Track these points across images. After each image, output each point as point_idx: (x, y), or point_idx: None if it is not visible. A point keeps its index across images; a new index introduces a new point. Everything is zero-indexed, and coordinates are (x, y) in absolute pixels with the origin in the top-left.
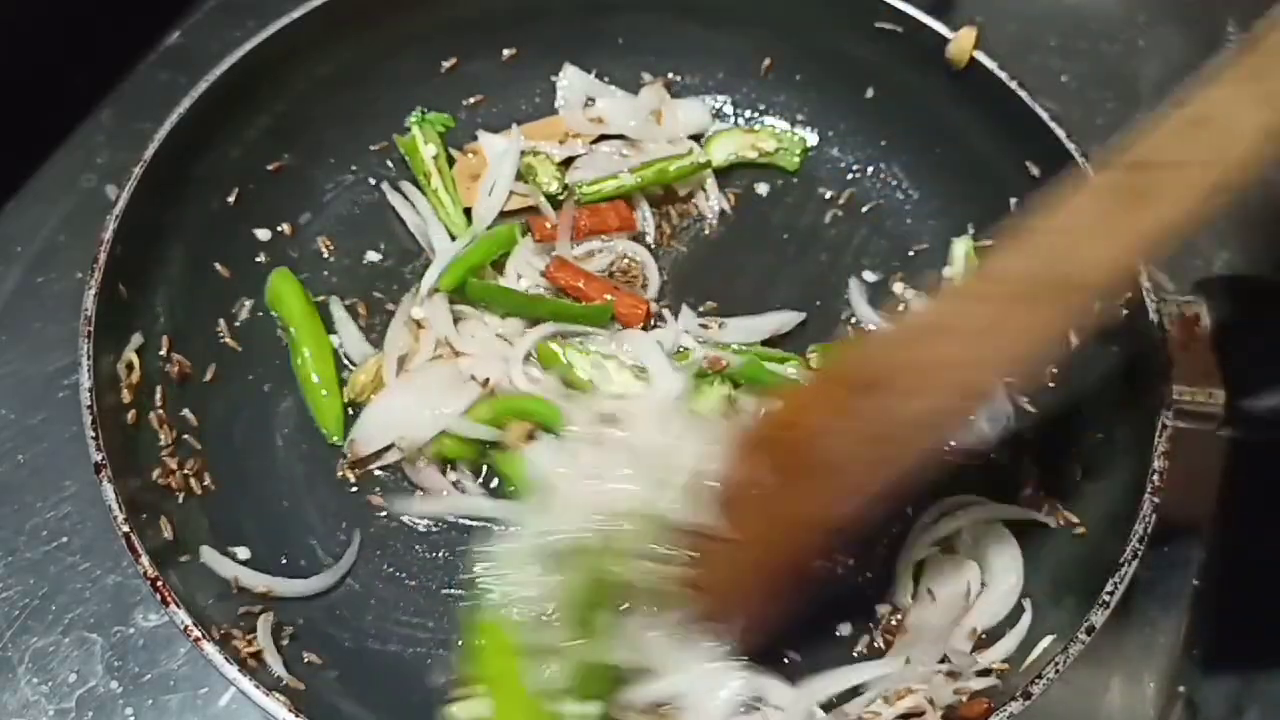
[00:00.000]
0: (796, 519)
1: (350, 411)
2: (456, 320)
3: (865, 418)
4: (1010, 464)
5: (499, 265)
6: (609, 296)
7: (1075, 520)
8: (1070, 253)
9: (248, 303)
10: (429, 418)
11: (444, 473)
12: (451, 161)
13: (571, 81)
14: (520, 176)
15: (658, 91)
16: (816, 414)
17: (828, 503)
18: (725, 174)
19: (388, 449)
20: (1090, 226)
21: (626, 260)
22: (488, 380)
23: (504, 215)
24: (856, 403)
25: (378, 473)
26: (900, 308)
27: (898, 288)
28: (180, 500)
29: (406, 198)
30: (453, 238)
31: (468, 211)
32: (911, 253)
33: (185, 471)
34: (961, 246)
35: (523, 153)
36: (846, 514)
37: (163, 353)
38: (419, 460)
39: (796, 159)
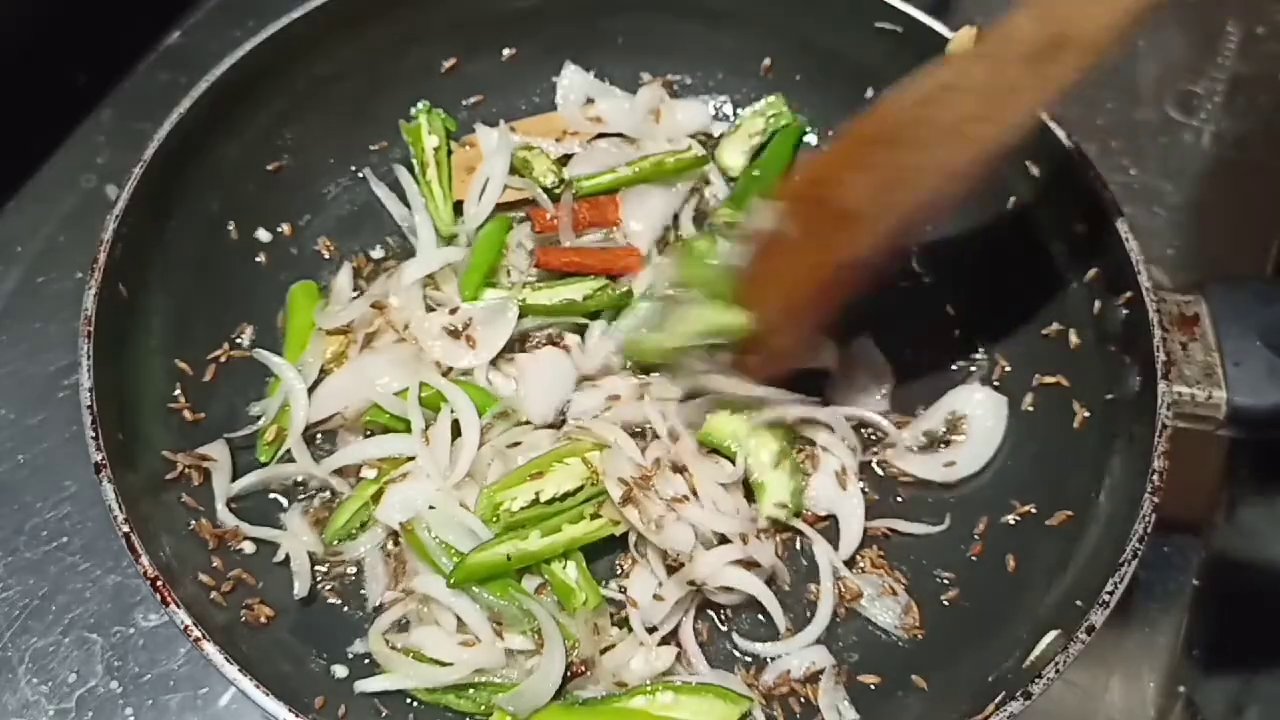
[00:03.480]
0: (824, 263)
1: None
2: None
3: (882, 168)
4: (1010, 464)
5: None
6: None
7: (1074, 519)
8: (1069, 13)
9: (247, 304)
10: (370, 391)
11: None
12: (450, 153)
13: (572, 80)
14: (516, 170)
15: (656, 91)
16: (838, 170)
17: (852, 246)
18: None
19: (333, 417)
20: None
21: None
22: (449, 370)
23: (500, 208)
24: (874, 156)
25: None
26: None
27: None
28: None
29: (393, 189)
30: (438, 232)
31: (458, 205)
32: (912, 252)
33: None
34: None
35: (519, 148)
36: (870, 253)
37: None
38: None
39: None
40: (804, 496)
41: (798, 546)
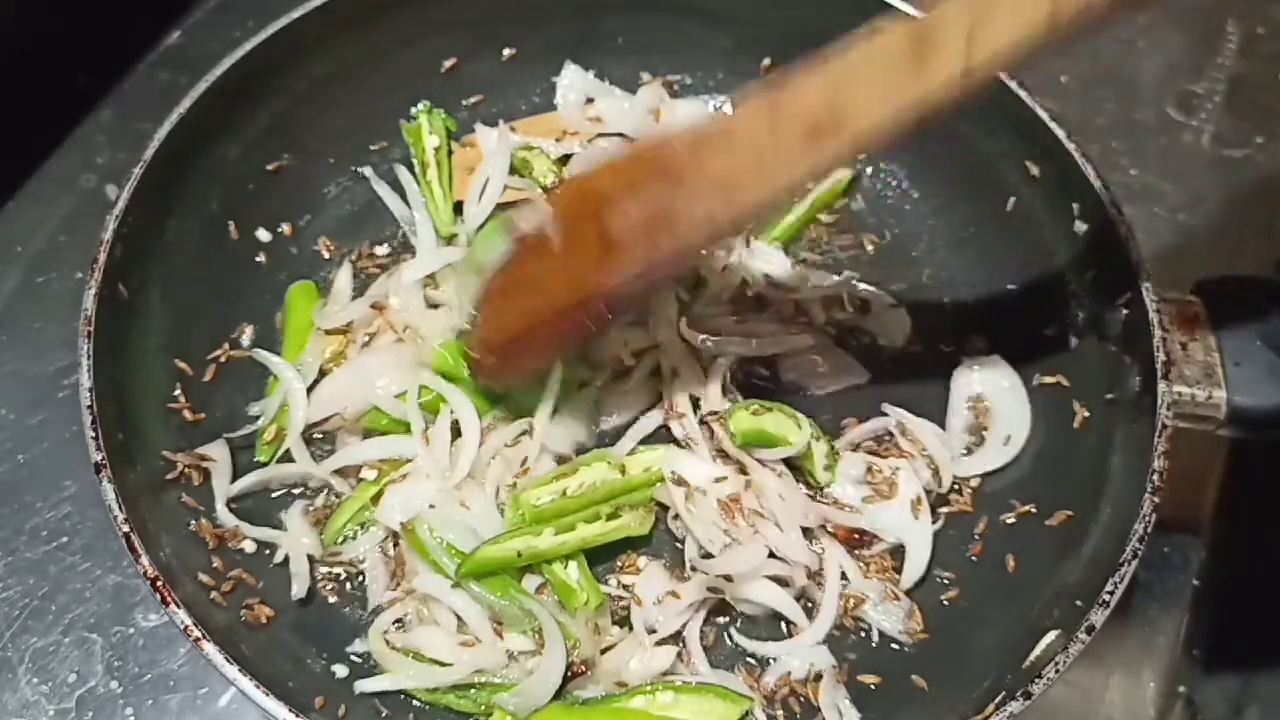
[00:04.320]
0: (574, 280)
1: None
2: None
3: (653, 203)
4: (1010, 464)
5: None
6: None
7: (1074, 519)
8: (849, 99)
9: (247, 304)
10: (369, 393)
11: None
12: (450, 153)
13: (572, 80)
14: (516, 170)
15: (656, 91)
16: (616, 190)
17: (602, 271)
18: None
19: (332, 418)
20: (869, 79)
21: None
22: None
23: (500, 207)
24: (649, 188)
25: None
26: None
27: None
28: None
29: (395, 187)
30: (438, 232)
31: (458, 206)
32: (913, 253)
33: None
34: None
35: (519, 148)
36: (617, 287)
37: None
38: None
39: None
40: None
41: None
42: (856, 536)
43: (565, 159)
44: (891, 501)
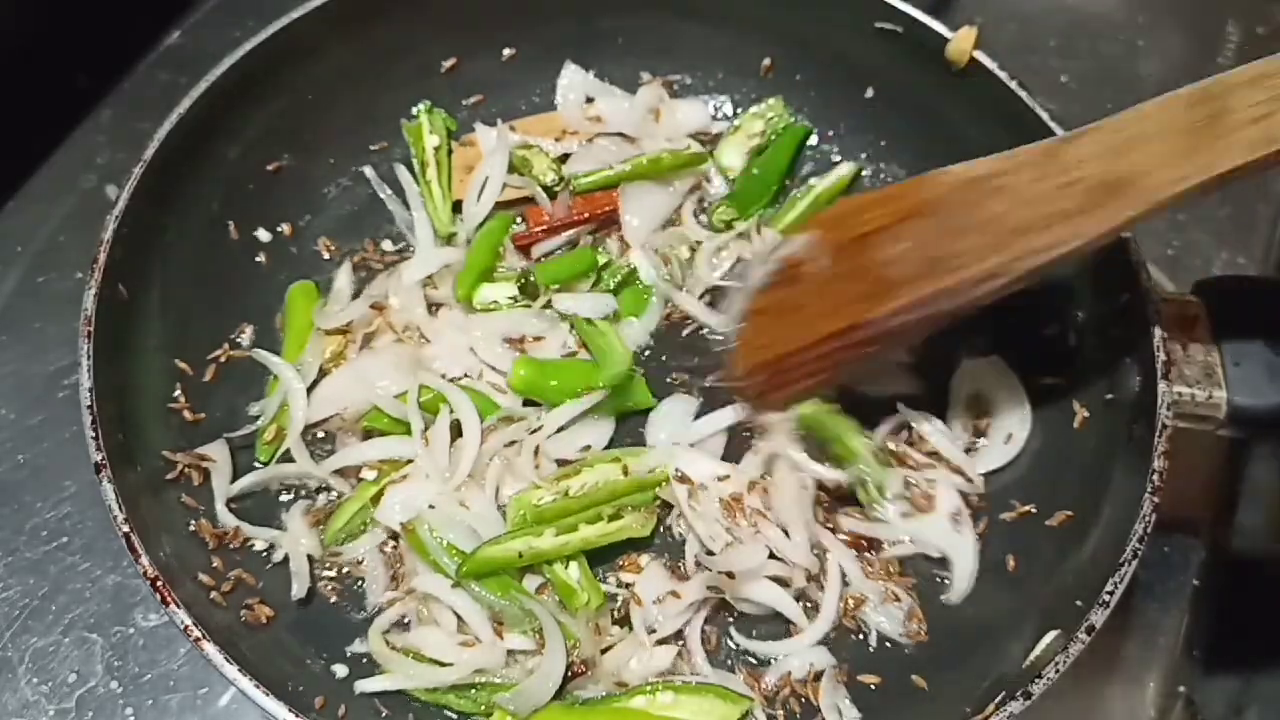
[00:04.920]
0: (839, 309)
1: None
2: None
3: (920, 236)
4: (1010, 463)
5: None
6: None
7: (1074, 519)
8: (1137, 159)
9: (247, 304)
10: (369, 393)
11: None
12: (450, 152)
13: (571, 80)
14: (515, 169)
15: (656, 91)
16: (881, 216)
17: (868, 302)
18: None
19: (332, 418)
20: (1162, 139)
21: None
22: (457, 377)
23: (499, 206)
24: (916, 220)
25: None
26: None
27: None
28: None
29: (393, 190)
30: (436, 232)
31: (457, 205)
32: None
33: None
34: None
35: (518, 147)
36: (882, 320)
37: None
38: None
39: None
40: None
41: None
42: (865, 542)
43: (564, 158)
44: (931, 515)
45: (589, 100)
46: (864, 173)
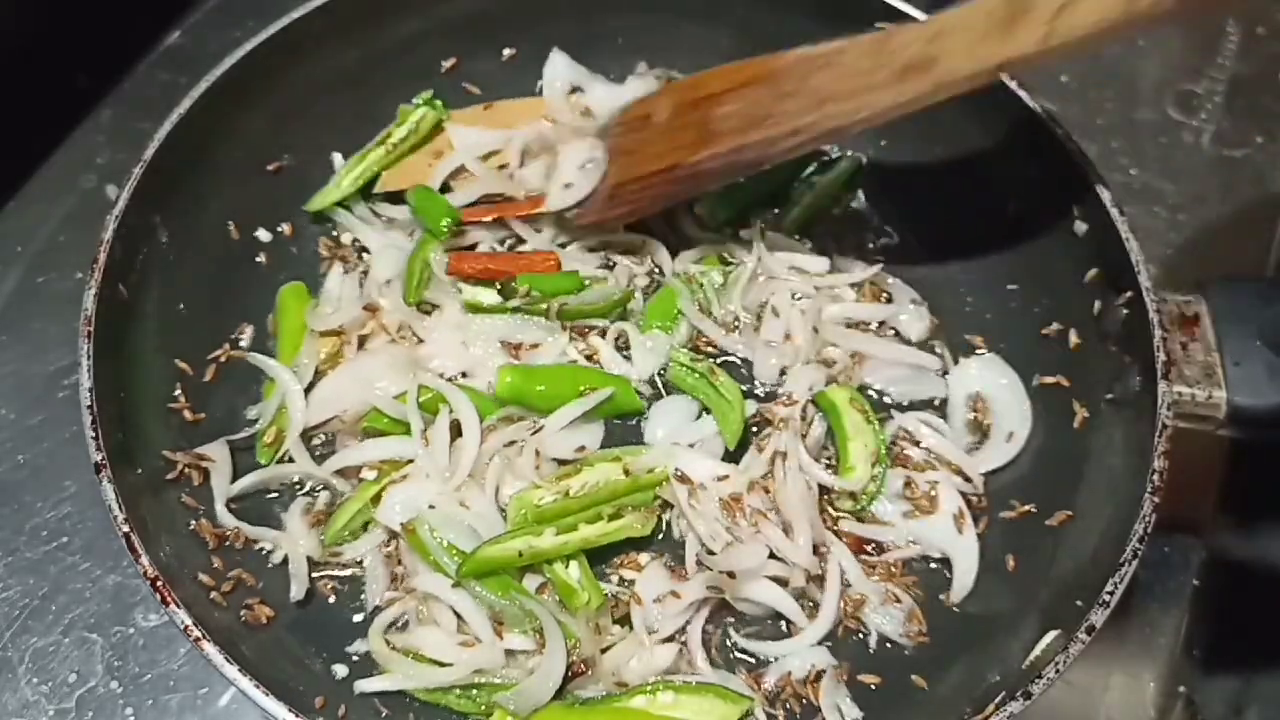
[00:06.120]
0: (667, 155)
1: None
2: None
3: (751, 103)
4: (1010, 463)
5: None
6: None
7: (1074, 519)
8: (943, 45)
9: (247, 304)
10: (368, 394)
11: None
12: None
13: (557, 68)
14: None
15: (647, 82)
16: (722, 89)
17: (697, 153)
18: None
19: (331, 420)
20: (967, 30)
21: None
22: (454, 376)
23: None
24: (753, 87)
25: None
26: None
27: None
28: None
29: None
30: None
31: (393, 195)
32: (913, 252)
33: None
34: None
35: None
36: (700, 163)
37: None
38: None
39: None
40: (872, 505)
41: None
42: (866, 544)
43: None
44: (933, 516)
45: (577, 90)
46: (866, 172)
